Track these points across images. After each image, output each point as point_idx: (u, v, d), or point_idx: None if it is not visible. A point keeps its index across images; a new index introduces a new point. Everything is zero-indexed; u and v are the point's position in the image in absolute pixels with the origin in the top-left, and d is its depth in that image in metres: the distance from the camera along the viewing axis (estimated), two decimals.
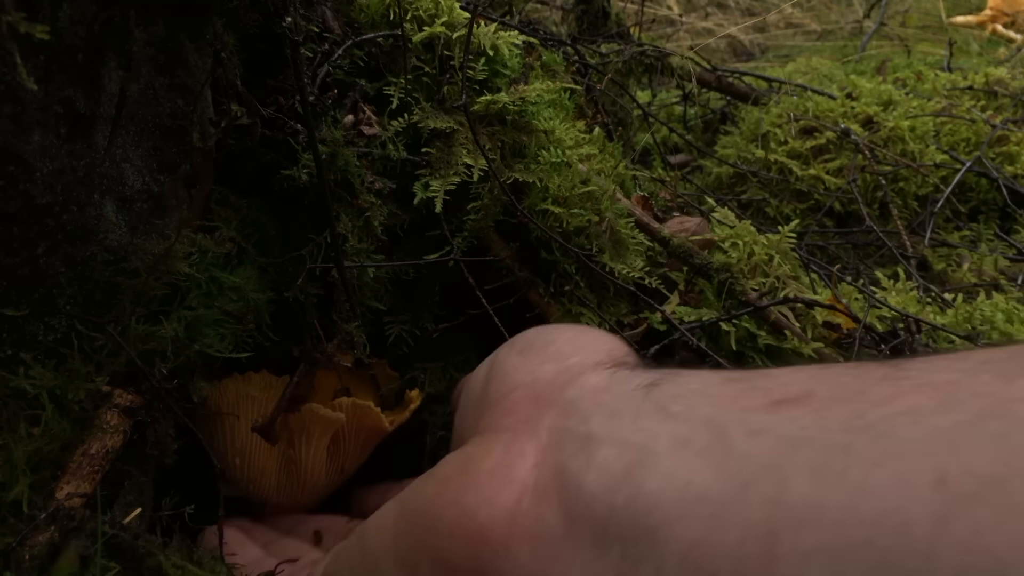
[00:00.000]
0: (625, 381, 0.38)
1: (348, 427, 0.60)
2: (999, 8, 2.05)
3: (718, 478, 0.30)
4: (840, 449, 0.27)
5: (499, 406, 0.42)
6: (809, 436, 0.28)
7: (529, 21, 1.02)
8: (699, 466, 0.30)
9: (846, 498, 0.26)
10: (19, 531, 0.42)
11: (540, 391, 0.41)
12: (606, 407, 0.37)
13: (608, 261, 0.68)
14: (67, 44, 0.42)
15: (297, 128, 0.58)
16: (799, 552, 0.26)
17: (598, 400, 0.37)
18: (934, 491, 0.24)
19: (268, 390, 0.58)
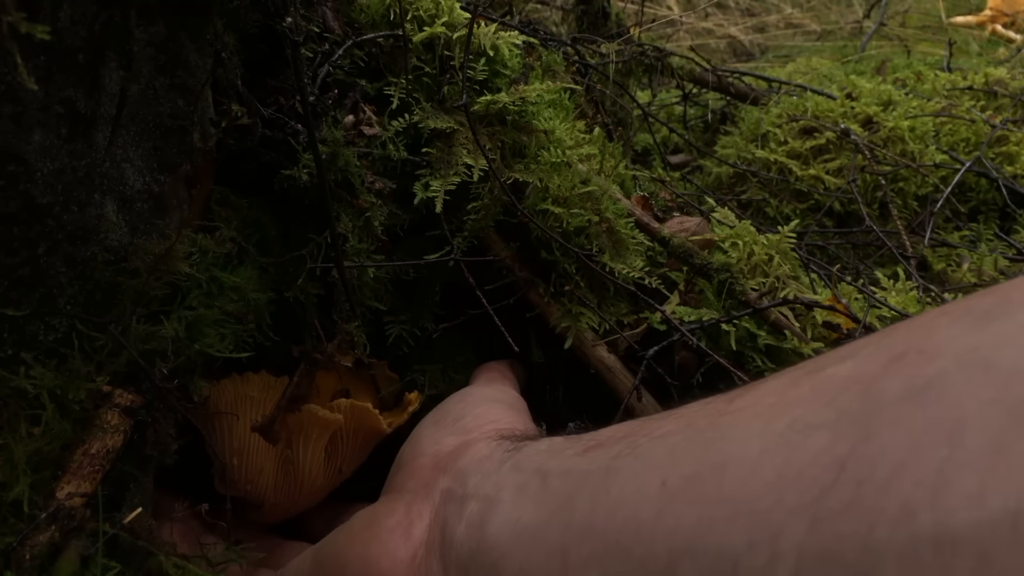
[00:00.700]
0: (501, 448, 0.45)
1: (346, 428, 0.60)
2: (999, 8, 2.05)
3: (538, 512, 0.36)
4: (610, 472, 0.34)
5: (407, 469, 0.49)
6: (595, 467, 0.36)
7: (529, 21, 1.02)
8: (527, 505, 0.37)
9: (608, 510, 0.33)
10: (20, 531, 0.42)
11: (440, 459, 0.48)
12: (482, 471, 0.44)
13: (608, 261, 0.68)
14: (68, 44, 0.42)
15: (297, 128, 0.58)
16: (581, 560, 0.32)
17: (479, 466, 0.45)
18: (658, 493, 0.31)
19: (267, 391, 0.58)
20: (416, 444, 0.51)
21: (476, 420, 0.51)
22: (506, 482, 0.41)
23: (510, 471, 0.41)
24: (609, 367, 0.67)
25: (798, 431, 0.28)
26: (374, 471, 0.67)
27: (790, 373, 0.33)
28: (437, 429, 0.52)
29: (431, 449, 0.50)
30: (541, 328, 0.69)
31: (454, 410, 0.54)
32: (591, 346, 0.67)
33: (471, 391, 0.58)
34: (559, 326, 0.67)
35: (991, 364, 0.24)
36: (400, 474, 0.50)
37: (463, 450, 0.47)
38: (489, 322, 0.65)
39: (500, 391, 0.60)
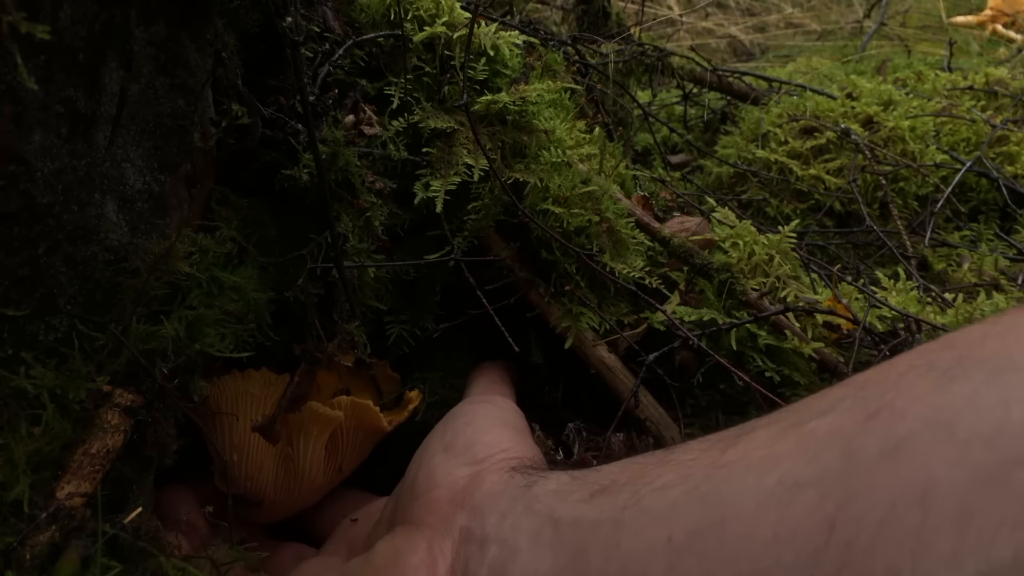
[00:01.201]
0: (513, 483, 0.47)
1: (347, 426, 0.60)
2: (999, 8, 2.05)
3: (555, 562, 0.39)
4: (618, 525, 0.36)
5: (424, 500, 0.50)
6: (603, 518, 0.38)
7: (530, 21, 1.02)
8: (544, 554, 0.40)
9: (620, 564, 0.35)
10: (20, 531, 0.42)
11: (456, 493, 0.49)
12: (498, 509, 0.45)
13: (608, 261, 0.68)
14: (68, 44, 0.42)
15: (298, 128, 0.58)
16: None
17: (494, 503, 0.46)
18: (665, 548, 0.33)
19: (267, 388, 0.58)
20: (430, 474, 0.51)
21: (487, 449, 0.52)
22: (522, 526, 0.42)
23: (524, 514, 0.43)
24: (609, 367, 0.67)
25: (788, 488, 0.30)
26: (373, 471, 0.67)
27: (777, 423, 0.35)
28: (449, 458, 0.52)
29: (445, 480, 0.50)
30: (541, 328, 0.69)
31: (463, 435, 0.54)
32: (591, 346, 0.67)
33: (478, 412, 0.58)
34: (559, 326, 0.67)
35: (953, 426, 0.26)
36: (416, 506, 0.50)
37: (477, 483, 0.48)
38: (489, 322, 0.65)
39: (504, 410, 0.60)
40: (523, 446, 0.53)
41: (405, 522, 0.50)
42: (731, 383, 0.70)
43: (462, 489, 0.49)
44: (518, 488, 0.46)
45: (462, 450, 0.53)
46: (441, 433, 0.56)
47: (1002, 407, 0.26)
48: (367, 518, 0.60)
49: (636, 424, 0.66)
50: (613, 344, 0.68)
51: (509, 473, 0.48)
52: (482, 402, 0.62)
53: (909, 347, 0.71)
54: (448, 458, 0.52)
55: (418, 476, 0.52)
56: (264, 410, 0.57)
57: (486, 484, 0.48)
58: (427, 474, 0.52)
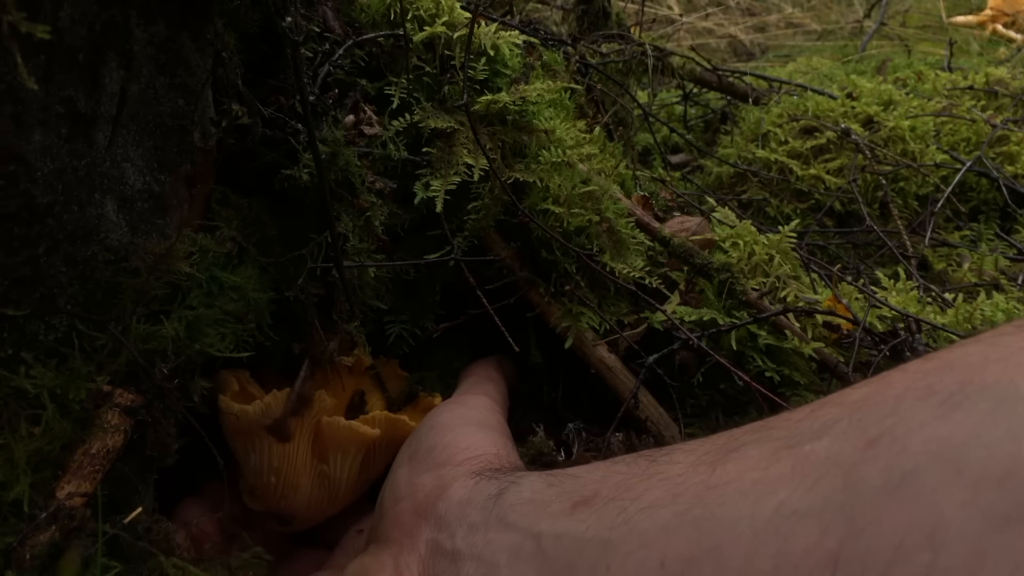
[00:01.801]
0: (480, 491, 0.45)
1: (380, 440, 0.59)
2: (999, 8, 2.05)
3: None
4: (607, 546, 0.35)
5: (390, 516, 0.48)
6: (589, 535, 0.36)
7: (529, 21, 1.02)
8: (527, 571, 0.38)
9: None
10: (20, 531, 0.42)
11: (419, 504, 0.47)
12: (467, 521, 0.43)
13: (609, 261, 0.68)
14: (68, 44, 0.42)
15: (298, 128, 0.58)
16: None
17: (462, 514, 0.44)
18: (658, 574, 0.32)
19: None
20: (395, 487, 0.50)
21: (447, 452, 0.50)
22: (498, 541, 0.40)
23: (499, 527, 0.41)
24: (609, 367, 0.67)
25: (786, 517, 0.29)
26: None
27: (768, 442, 0.34)
28: (412, 467, 0.51)
29: (408, 491, 0.48)
30: (541, 328, 0.69)
31: (426, 441, 0.53)
32: (591, 346, 0.67)
33: (443, 415, 0.57)
34: (559, 326, 0.67)
35: (960, 463, 0.25)
36: (384, 522, 0.48)
37: (440, 492, 0.46)
38: (489, 322, 0.65)
39: (474, 408, 0.58)
40: (491, 444, 0.51)
41: (375, 539, 0.49)
42: (731, 383, 0.70)
43: (424, 499, 0.47)
44: (487, 497, 0.43)
45: (423, 456, 0.51)
46: (408, 443, 0.55)
47: (1011, 442, 0.25)
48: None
49: (636, 424, 0.66)
50: (613, 344, 0.68)
51: (475, 479, 0.46)
52: (452, 404, 0.60)
53: (909, 347, 0.71)
54: (411, 468, 0.50)
55: (385, 490, 0.51)
56: (304, 427, 0.56)
57: (451, 492, 0.46)
58: (392, 487, 0.50)
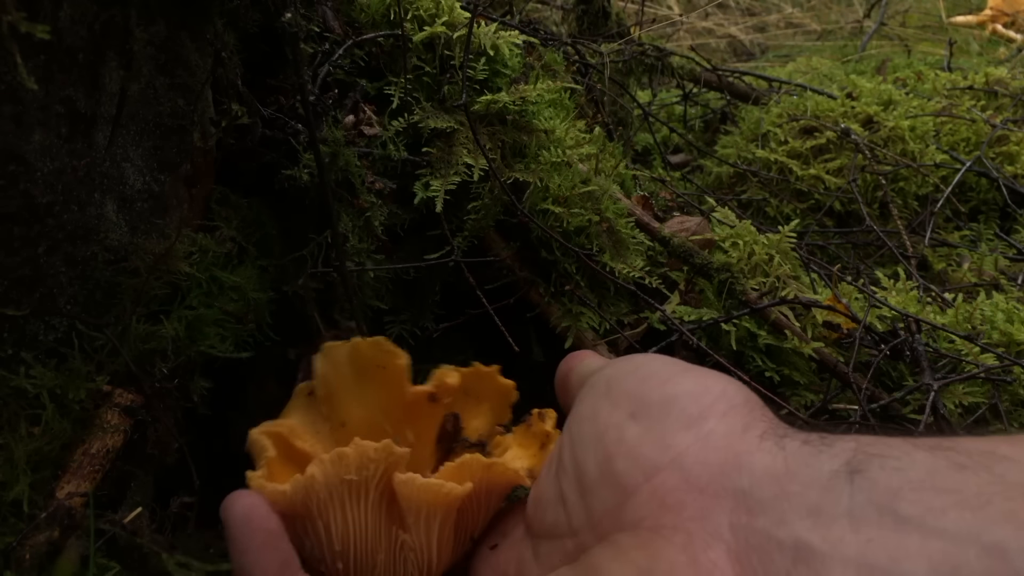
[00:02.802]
0: (806, 462, 0.33)
1: (477, 490, 0.47)
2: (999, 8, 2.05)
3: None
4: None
5: (644, 495, 0.36)
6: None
7: (529, 21, 1.02)
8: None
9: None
10: (19, 530, 0.42)
11: (696, 477, 0.35)
12: (801, 502, 0.31)
13: (608, 261, 0.68)
14: (68, 44, 0.42)
15: (298, 128, 0.58)
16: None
17: (784, 490, 0.32)
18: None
19: (366, 465, 0.44)
20: (633, 454, 0.37)
21: (695, 402, 0.38)
22: (906, 548, 0.27)
23: (889, 523, 0.28)
24: None
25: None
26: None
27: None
28: (651, 425, 0.38)
29: (664, 458, 0.36)
30: (542, 328, 0.69)
31: (650, 391, 0.40)
32: (592, 345, 0.67)
33: (647, 363, 0.43)
34: (559, 326, 0.67)
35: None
36: (635, 502, 0.36)
37: (727, 461, 0.35)
38: (489, 322, 0.65)
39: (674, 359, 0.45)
40: (737, 390, 0.39)
41: (623, 527, 0.37)
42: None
43: (702, 469, 0.35)
44: (828, 473, 0.31)
45: (662, 410, 0.38)
46: (604, 394, 0.41)
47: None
48: (512, 542, 0.46)
49: None
50: (613, 344, 0.68)
51: (772, 440, 0.35)
52: (642, 355, 0.46)
53: (909, 347, 0.71)
54: (650, 428, 0.38)
55: (611, 462, 0.38)
56: (367, 494, 0.44)
57: (747, 461, 0.34)
58: (627, 455, 0.37)
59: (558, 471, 0.42)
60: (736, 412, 0.37)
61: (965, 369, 0.71)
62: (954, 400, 0.71)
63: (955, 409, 0.71)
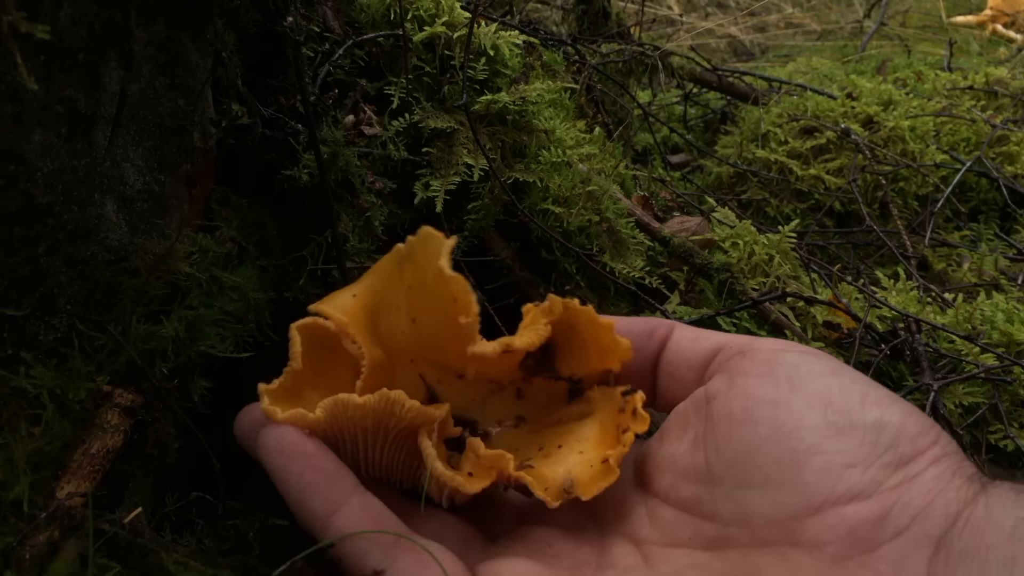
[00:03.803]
0: (1001, 509, 0.31)
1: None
2: (999, 8, 2.05)
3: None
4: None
5: (832, 517, 0.33)
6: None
7: (529, 21, 1.02)
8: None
9: None
10: (20, 530, 0.42)
11: (895, 518, 0.32)
12: (1003, 555, 0.29)
13: (609, 261, 0.68)
14: (68, 44, 0.42)
15: (298, 128, 0.58)
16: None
17: (986, 541, 0.30)
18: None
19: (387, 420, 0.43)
20: (826, 469, 0.34)
21: (914, 446, 0.35)
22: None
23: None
24: None
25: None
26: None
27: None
28: (849, 445, 0.35)
29: (865, 487, 0.33)
30: None
31: (845, 399, 0.37)
32: None
33: (826, 361, 0.40)
34: None
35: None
36: (818, 522, 0.34)
37: (934, 505, 0.32)
38: (489, 322, 0.65)
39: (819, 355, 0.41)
40: (951, 440, 0.36)
41: (797, 543, 0.34)
42: None
43: (901, 511, 0.33)
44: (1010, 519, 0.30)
45: (870, 437, 0.35)
46: (792, 386, 0.37)
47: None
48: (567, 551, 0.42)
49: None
50: None
51: (980, 487, 0.33)
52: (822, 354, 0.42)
53: (909, 347, 0.71)
54: (853, 448, 0.35)
55: (799, 469, 0.35)
56: (386, 435, 0.43)
57: (958, 510, 0.32)
58: (822, 470, 0.34)
59: (705, 442, 0.40)
60: (947, 461, 0.35)
61: (965, 369, 0.71)
62: (954, 400, 0.71)
63: (955, 409, 0.71)
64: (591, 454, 0.45)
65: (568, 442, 0.47)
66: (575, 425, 0.48)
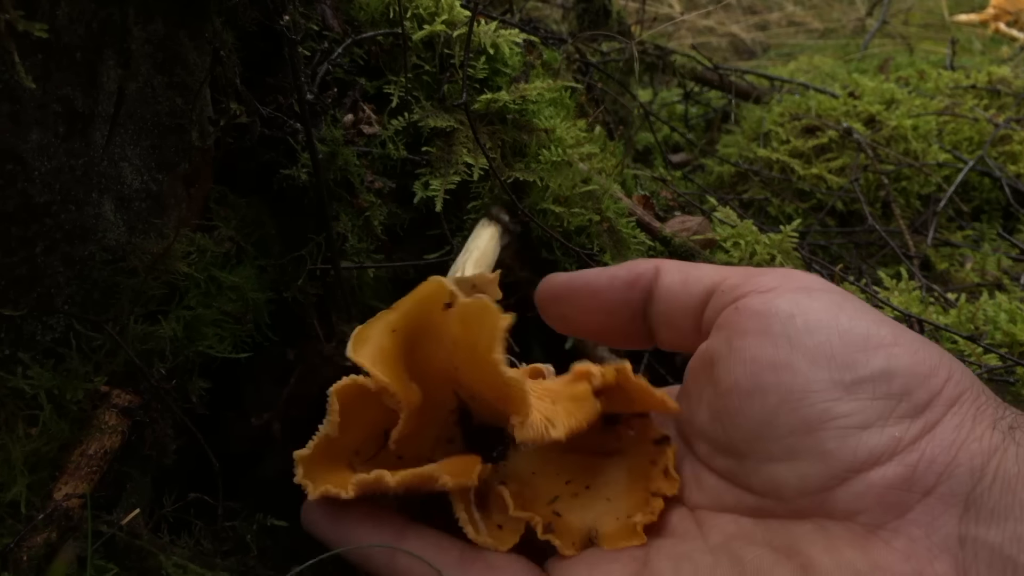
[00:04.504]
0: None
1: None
2: (1002, 6, 2.05)
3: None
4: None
5: (859, 485, 0.33)
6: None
7: (530, 19, 1.02)
8: None
9: None
10: (17, 532, 0.42)
11: (921, 477, 0.31)
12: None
13: (609, 261, 0.68)
14: (65, 42, 0.42)
15: (296, 127, 0.57)
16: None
17: (1020, 498, 0.29)
18: None
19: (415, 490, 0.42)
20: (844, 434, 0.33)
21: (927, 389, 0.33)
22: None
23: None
24: None
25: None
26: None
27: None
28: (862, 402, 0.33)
29: (885, 447, 0.32)
30: (542, 328, 0.69)
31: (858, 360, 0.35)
32: (592, 346, 0.67)
33: (835, 298, 0.38)
34: None
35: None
36: (847, 492, 0.33)
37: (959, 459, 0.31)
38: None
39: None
40: (966, 371, 0.35)
41: (831, 515, 0.33)
42: None
43: (927, 469, 0.31)
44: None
45: (879, 389, 0.34)
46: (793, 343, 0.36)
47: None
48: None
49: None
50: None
51: (1006, 433, 0.31)
52: (816, 289, 0.39)
53: None
54: (865, 406, 0.33)
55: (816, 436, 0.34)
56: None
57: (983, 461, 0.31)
58: (839, 435, 0.33)
59: (721, 417, 0.39)
60: (965, 400, 0.33)
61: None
62: None
63: None
64: (618, 504, 0.44)
65: (596, 484, 0.46)
66: (604, 463, 0.47)
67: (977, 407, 0.34)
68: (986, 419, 0.33)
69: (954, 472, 0.32)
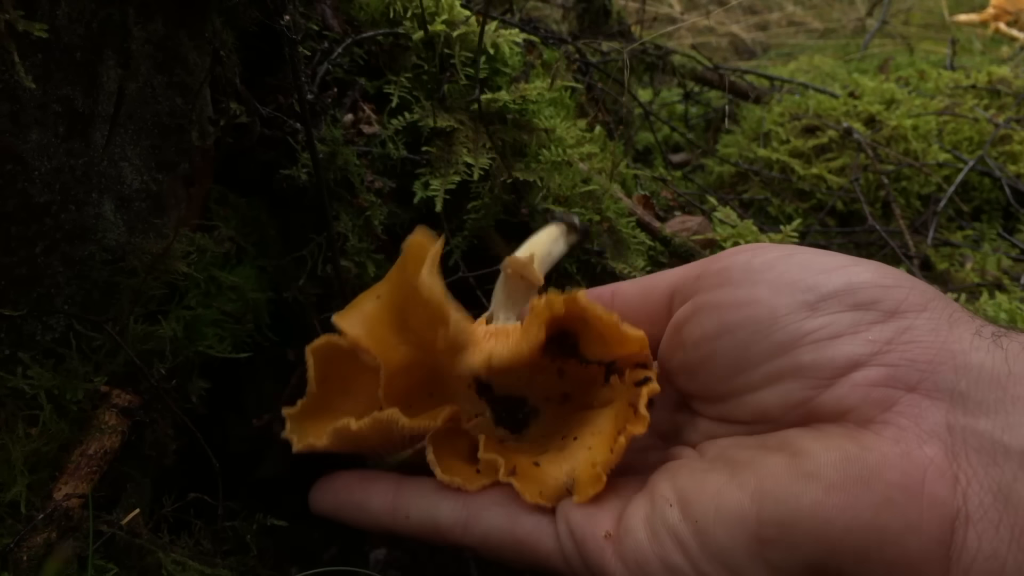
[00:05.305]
0: (1003, 352, 0.31)
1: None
2: (1002, 6, 2.04)
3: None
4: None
5: (842, 388, 0.34)
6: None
7: (530, 19, 1.02)
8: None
9: None
10: (17, 532, 0.42)
11: (904, 375, 0.33)
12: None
13: (609, 261, 0.68)
14: (65, 42, 0.42)
15: (296, 127, 0.57)
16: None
17: (1009, 394, 0.30)
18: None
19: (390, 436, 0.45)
20: (818, 347, 0.34)
21: (891, 297, 0.34)
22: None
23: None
24: None
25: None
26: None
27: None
28: (831, 316, 0.34)
29: (862, 352, 0.33)
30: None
31: (823, 269, 0.36)
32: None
33: (786, 247, 0.39)
34: None
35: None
36: (830, 397, 0.34)
37: (937, 357, 0.32)
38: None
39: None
40: (929, 287, 0.36)
41: (820, 419, 0.34)
42: None
43: (909, 365, 0.33)
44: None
45: (845, 301, 0.35)
46: (752, 282, 0.37)
47: None
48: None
49: None
50: None
51: (992, 340, 0.33)
52: (766, 245, 0.42)
53: None
54: (835, 319, 0.35)
55: (792, 354, 0.35)
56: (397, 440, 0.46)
57: (962, 358, 0.32)
58: (814, 348, 0.34)
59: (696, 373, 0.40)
60: (935, 308, 0.35)
61: None
62: None
63: None
64: (597, 451, 0.45)
65: (583, 434, 0.47)
66: (596, 414, 0.48)
67: (950, 313, 0.35)
68: (963, 325, 0.34)
69: (937, 369, 0.33)
